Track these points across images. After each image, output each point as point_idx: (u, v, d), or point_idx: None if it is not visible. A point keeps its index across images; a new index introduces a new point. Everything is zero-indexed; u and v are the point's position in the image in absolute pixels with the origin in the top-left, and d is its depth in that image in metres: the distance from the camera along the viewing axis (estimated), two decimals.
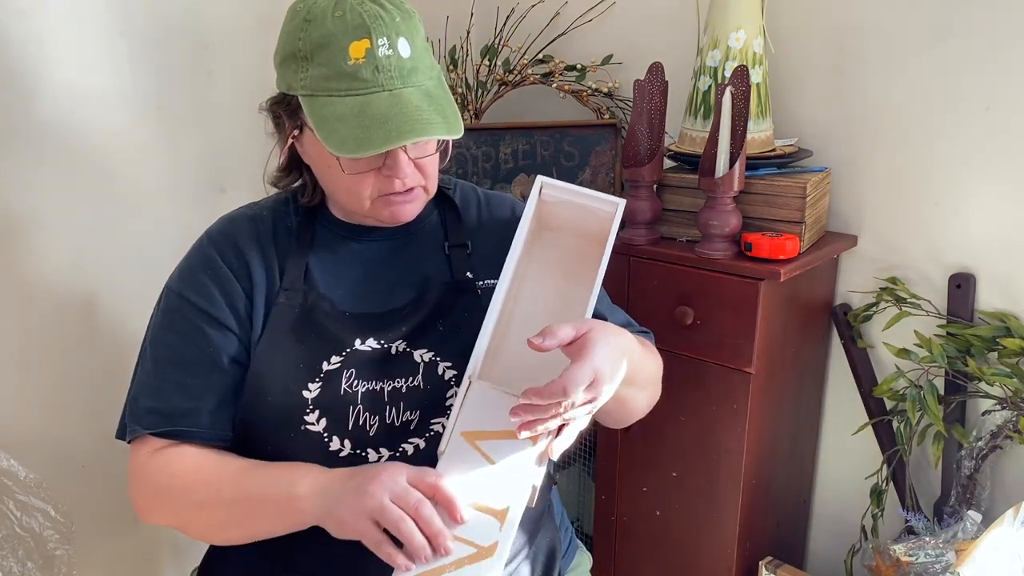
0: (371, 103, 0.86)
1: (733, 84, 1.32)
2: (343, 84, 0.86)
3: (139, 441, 0.95)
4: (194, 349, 0.95)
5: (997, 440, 1.36)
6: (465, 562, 0.78)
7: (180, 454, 0.93)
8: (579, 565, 1.21)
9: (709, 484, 1.45)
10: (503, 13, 1.84)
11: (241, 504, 0.88)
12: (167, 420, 0.93)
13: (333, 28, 0.86)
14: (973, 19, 1.33)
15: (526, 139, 1.70)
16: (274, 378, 0.93)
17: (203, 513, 0.91)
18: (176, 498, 0.92)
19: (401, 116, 0.85)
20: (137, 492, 0.96)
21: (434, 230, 1.05)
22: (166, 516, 0.95)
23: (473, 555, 0.78)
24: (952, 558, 1.29)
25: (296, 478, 0.86)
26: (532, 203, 0.95)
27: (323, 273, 0.99)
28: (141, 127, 1.52)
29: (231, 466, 0.92)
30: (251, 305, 0.96)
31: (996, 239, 1.37)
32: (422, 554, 0.77)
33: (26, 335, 1.42)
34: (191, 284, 0.97)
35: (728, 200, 1.34)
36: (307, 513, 0.84)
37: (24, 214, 1.39)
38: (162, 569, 1.71)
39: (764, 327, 1.34)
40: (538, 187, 0.96)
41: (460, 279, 1.01)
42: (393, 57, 0.87)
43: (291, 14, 0.91)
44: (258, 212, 1.03)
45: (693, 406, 1.43)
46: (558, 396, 0.78)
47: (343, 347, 0.95)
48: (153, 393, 0.95)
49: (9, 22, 1.32)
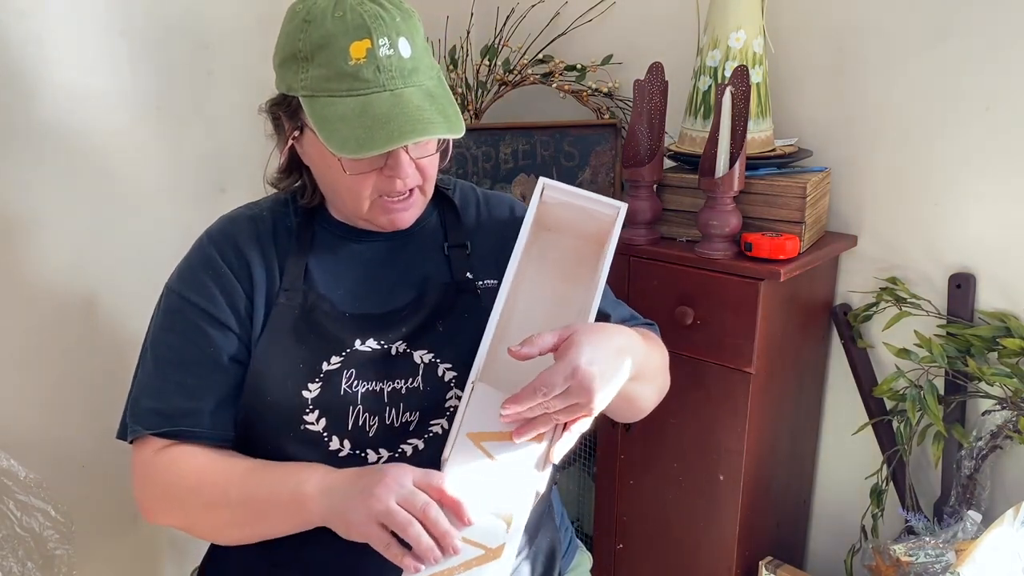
0: (373, 103, 0.86)
1: (733, 84, 1.32)
2: (344, 84, 0.86)
3: (141, 441, 0.95)
4: (195, 349, 0.95)
5: (997, 440, 1.36)
6: (473, 564, 0.78)
7: (185, 454, 0.93)
8: (579, 565, 1.21)
9: (709, 484, 1.45)
10: (503, 13, 1.84)
11: (248, 505, 0.88)
12: (168, 420, 0.93)
13: (333, 28, 0.86)
14: (973, 19, 1.33)
15: (526, 139, 1.70)
16: (274, 378, 0.93)
17: (210, 513, 0.91)
18: (184, 498, 0.92)
19: (403, 116, 0.85)
20: (143, 493, 0.95)
21: (433, 231, 1.05)
22: (173, 517, 0.95)
23: (481, 556, 0.78)
24: (952, 558, 1.29)
25: (303, 479, 0.86)
26: (534, 205, 0.95)
27: (323, 273, 0.99)
28: (141, 127, 1.52)
29: (238, 467, 0.91)
30: (251, 305, 0.96)
31: (996, 239, 1.37)
32: (430, 556, 0.76)
33: (26, 335, 1.42)
34: (191, 284, 0.97)
35: (728, 200, 1.34)
36: (314, 514, 0.84)
37: (24, 214, 1.39)
38: (162, 569, 1.71)
39: (764, 327, 1.34)
40: (540, 189, 0.95)
41: (460, 280, 1.01)
42: (394, 57, 0.87)
43: (290, 15, 0.91)
44: (258, 212, 1.03)
45: (693, 406, 1.43)
46: (531, 399, 0.79)
47: (343, 347, 0.95)
48: (154, 393, 0.95)
49: (9, 22, 1.32)
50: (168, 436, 0.94)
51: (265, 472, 0.90)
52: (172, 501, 0.93)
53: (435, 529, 0.77)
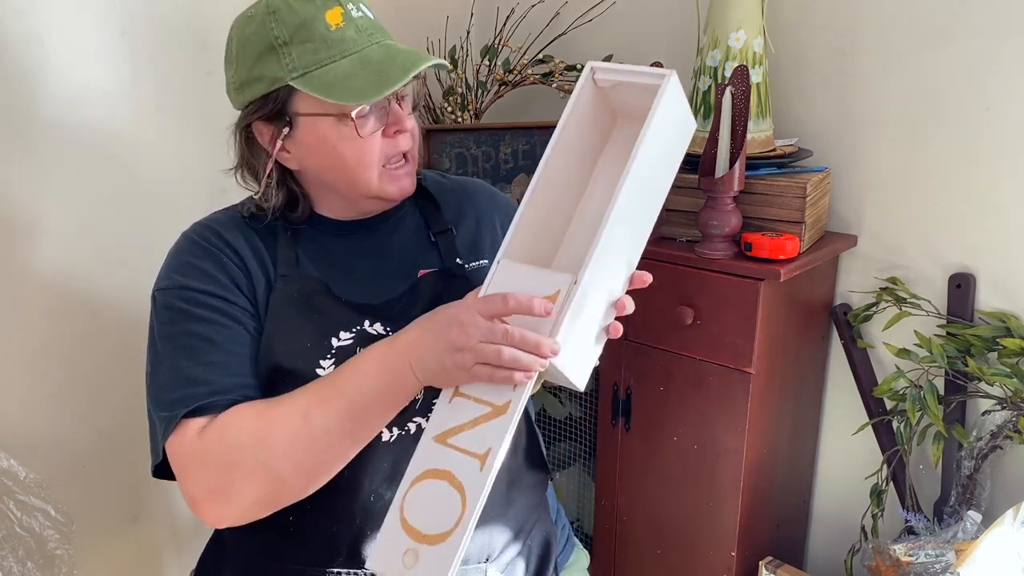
0: (368, 55, 0.89)
1: (733, 84, 1.32)
2: (334, 50, 0.89)
3: (176, 437, 0.86)
4: (214, 328, 0.90)
5: (997, 440, 1.36)
6: (481, 420, 0.80)
7: (234, 414, 0.86)
8: (576, 562, 1.22)
9: (709, 484, 1.45)
10: (503, 13, 1.84)
11: (340, 417, 0.84)
12: (205, 394, 0.87)
13: (302, 8, 0.89)
14: (973, 19, 1.33)
15: (526, 139, 1.70)
16: (287, 355, 0.91)
17: (295, 452, 0.84)
18: (259, 455, 0.83)
19: (401, 55, 0.89)
20: (198, 481, 0.86)
21: (415, 219, 1.05)
22: (250, 487, 0.85)
23: (488, 414, 0.80)
24: (952, 558, 1.29)
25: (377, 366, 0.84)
26: (577, 90, 0.89)
27: (315, 264, 0.98)
28: (141, 127, 1.52)
29: (297, 399, 0.86)
30: (252, 285, 0.94)
31: (996, 239, 1.38)
32: (535, 366, 0.78)
33: (26, 335, 1.42)
34: (189, 273, 0.94)
35: (728, 200, 1.34)
36: (416, 388, 0.84)
37: (24, 214, 1.39)
38: (162, 569, 1.71)
39: (764, 327, 1.34)
40: (588, 71, 0.89)
41: (451, 265, 1.01)
42: (365, 17, 0.91)
43: (244, 21, 0.92)
44: (235, 213, 1.01)
45: (693, 406, 1.43)
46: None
47: (353, 324, 0.94)
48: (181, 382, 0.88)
49: (9, 22, 1.32)
50: (205, 411, 0.86)
51: (332, 386, 0.86)
52: (247, 468, 0.84)
53: (526, 344, 0.78)
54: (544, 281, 0.81)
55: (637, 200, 0.85)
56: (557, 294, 0.80)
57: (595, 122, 0.93)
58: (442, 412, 0.82)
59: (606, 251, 0.81)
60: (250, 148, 0.97)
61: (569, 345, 0.80)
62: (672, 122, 0.87)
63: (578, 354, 0.83)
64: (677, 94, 0.86)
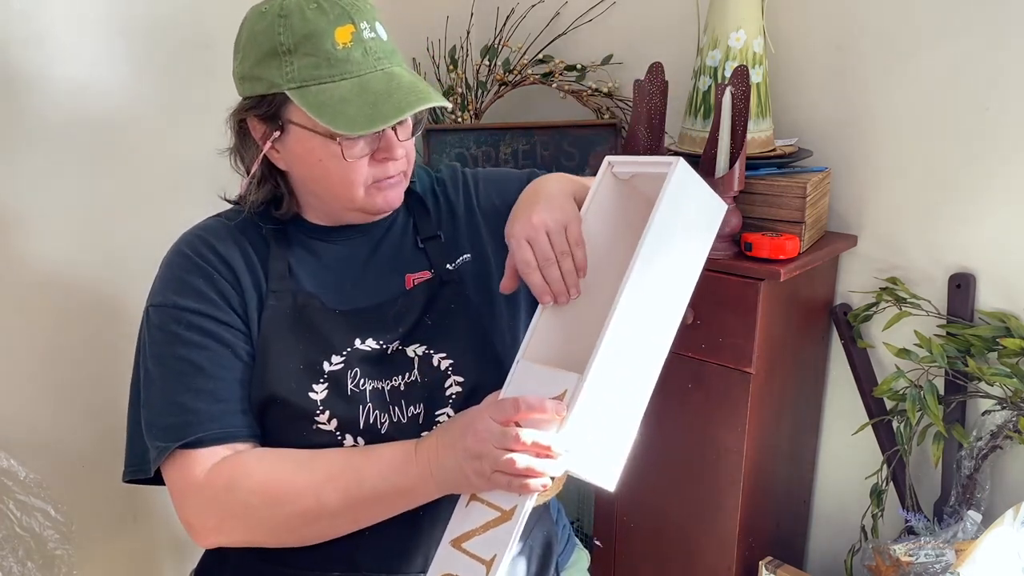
0: (369, 82, 0.87)
1: (733, 84, 1.32)
2: (336, 69, 0.87)
3: (179, 460, 0.89)
4: (206, 353, 0.91)
5: (997, 440, 1.36)
6: (491, 525, 0.82)
7: (246, 466, 0.88)
8: (577, 562, 1.21)
9: (709, 484, 1.45)
10: (503, 13, 1.84)
11: (352, 507, 0.87)
12: (197, 427, 0.88)
13: (314, 18, 0.87)
14: (973, 19, 1.33)
15: (526, 139, 1.70)
16: (278, 381, 0.92)
17: (299, 523, 0.88)
18: (264, 517, 0.87)
19: (402, 90, 0.87)
20: (195, 514, 0.89)
21: (405, 225, 1.05)
22: (239, 534, 0.89)
23: (497, 519, 0.82)
24: (952, 558, 1.29)
25: (401, 470, 0.86)
26: (595, 183, 0.93)
27: (306, 272, 0.98)
28: (141, 127, 1.52)
29: (318, 470, 0.88)
30: (244, 304, 0.94)
31: (996, 239, 1.38)
32: (549, 471, 0.79)
33: (26, 335, 1.42)
34: (181, 291, 0.93)
35: (728, 200, 1.33)
36: (431, 495, 0.87)
37: (24, 214, 1.39)
38: (162, 569, 1.71)
39: (764, 327, 1.34)
40: (606, 165, 0.92)
41: (441, 272, 1.01)
42: (377, 39, 0.89)
43: (256, 16, 0.91)
44: (225, 221, 1.00)
45: (693, 406, 1.43)
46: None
47: (343, 346, 0.94)
48: (172, 409, 0.90)
49: (9, 22, 1.32)
50: (198, 444, 0.88)
51: (354, 472, 0.87)
52: (252, 521, 0.88)
53: (538, 447, 0.79)
54: (554, 381, 0.83)
55: (654, 286, 0.86)
56: (564, 394, 0.81)
57: (623, 212, 0.95)
58: (459, 516, 0.85)
59: (617, 343, 0.82)
60: (242, 139, 0.97)
61: (585, 443, 0.81)
62: (691, 204, 0.89)
63: (596, 451, 0.83)
64: (687, 179, 0.88)
